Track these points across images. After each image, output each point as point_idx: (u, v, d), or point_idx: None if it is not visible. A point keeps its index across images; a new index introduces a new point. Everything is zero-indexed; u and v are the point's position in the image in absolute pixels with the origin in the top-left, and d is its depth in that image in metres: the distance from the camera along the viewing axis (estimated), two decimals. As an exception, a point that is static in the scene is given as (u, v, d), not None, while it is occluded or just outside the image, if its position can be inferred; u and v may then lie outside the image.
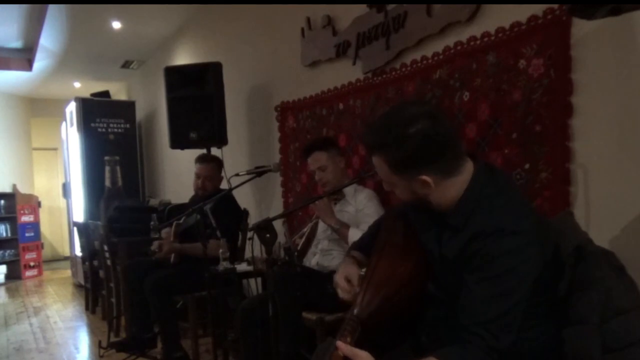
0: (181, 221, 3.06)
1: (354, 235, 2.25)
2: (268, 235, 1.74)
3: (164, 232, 3.13)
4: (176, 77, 3.70)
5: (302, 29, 3.16)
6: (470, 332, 1.10)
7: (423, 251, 1.33)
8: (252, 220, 3.34)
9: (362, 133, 1.28)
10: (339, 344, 1.08)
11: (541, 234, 1.18)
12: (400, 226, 1.41)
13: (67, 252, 7.81)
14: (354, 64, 2.76)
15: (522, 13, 1.90)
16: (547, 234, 1.22)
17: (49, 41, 5.47)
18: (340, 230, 2.34)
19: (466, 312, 1.13)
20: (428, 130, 1.16)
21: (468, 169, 1.23)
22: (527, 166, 1.91)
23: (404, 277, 1.29)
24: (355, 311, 1.21)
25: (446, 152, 1.19)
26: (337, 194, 2.50)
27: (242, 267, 2.80)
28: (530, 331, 1.17)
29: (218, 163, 3.28)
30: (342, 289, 1.36)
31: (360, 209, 2.42)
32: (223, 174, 3.34)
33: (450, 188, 1.22)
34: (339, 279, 1.39)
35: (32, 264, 7.43)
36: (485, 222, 1.15)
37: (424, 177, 1.19)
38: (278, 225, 2.76)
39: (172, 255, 3.05)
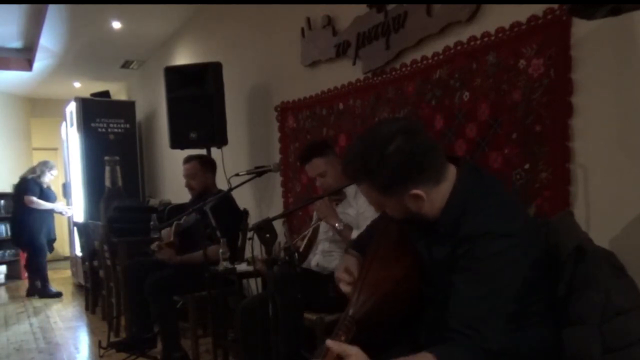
0: (181, 221, 3.07)
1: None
2: (268, 235, 1.74)
3: (164, 232, 3.13)
4: (176, 77, 3.70)
5: (302, 29, 3.16)
6: (460, 333, 1.11)
7: (417, 253, 1.33)
8: (252, 220, 3.35)
9: (342, 165, 1.31)
10: (329, 342, 1.08)
11: (530, 234, 1.19)
12: (394, 229, 1.41)
13: (67, 252, 7.80)
14: (354, 64, 2.76)
15: (522, 13, 1.90)
16: (537, 234, 1.23)
17: (49, 41, 5.47)
18: (343, 231, 2.33)
19: (455, 313, 1.14)
20: (405, 146, 1.16)
21: (451, 174, 1.24)
22: (527, 166, 1.91)
23: (398, 277, 1.29)
24: (351, 311, 1.22)
25: (429, 162, 1.20)
26: (338, 195, 2.49)
27: (242, 267, 2.80)
28: (528, 330, 1.17)
29: (201, 161, 3.27)
30: (344, 282, 1.37)
31: (361, 212, 2.41)
32: (223, 173, 3.35)
33: (438, 197, 1.22)
34: (339, 273, 1.40)
35: (32, 264, 7.43)
36: (473, 225, 1.16)
37: (416, 192, 1.19)
38: (278, 225, 2.76)
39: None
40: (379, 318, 1.24)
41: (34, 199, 5.78)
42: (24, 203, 5.75)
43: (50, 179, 6.06)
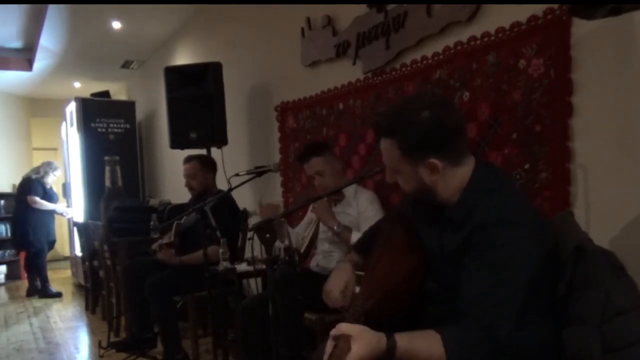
0: (181, 221, 3.06)
1: (357, 239, 2.24)
2: (268, 235, 1.74)
3: (166, 236, 3.13)
4: (176, 77, 3.70)
5: (302, 29, 3.16)
6: (473, 318, 1.12)
7: (422, 253, 1.35)
8: (252, 220, 3.35)
9: (375, 116, 1.36)
10: (338, 328, 1.08)
11: (539, 229, 1.21)
12: (400, 226, 1.43)
13: (67, 252, 7.81)
14: (354, 64, 2.75)
15: (522, 13, 1.90)
16: (544, 230, 1.24)
17: (49, 41, 5.47)
18: (342, 233, 2.32)
19: (465, 301, 1.15)
20: (439, 116, 1.22)
21: (470, 162, 1.27)
22: (527, 166, 1.91)
23: (405, 271, 1.32)
24: (359, 303, 1.24)
25: (455, 139, 1.24)
26: (337, 195, 2.49)
27: (242, 267, 2.80)
28: (527, 329, 1.18)
29: (201, 160, 3.27)
30: (333, 300, 1.42)
31: (362, 211, 2.41)
32: (223, 173, 3.35)
33: (454, 178, 1.25)
34: (333, 286, 1.44)
35: (32, 264, 7.42)
36: (486, 215, 1.18)
37: (434, 161, 1.22)
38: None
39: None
40: (379, 318, 1.25)
41: (37, 199, 5.79)
42: (27, 203, 5.76)
43: (54, 180, 6.07)
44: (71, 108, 6.27)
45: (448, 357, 1.08)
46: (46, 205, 5.87)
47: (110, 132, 6.19)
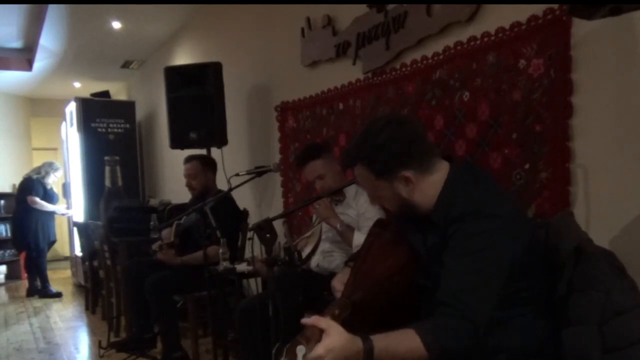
0: (181, 221, 3.07)
1: (359, 238, 2.23)
2: (268, 235, 1.74)
3: (165, 232, 3.13)
4: (176, 77, 3.70)
5: (302, 29, 3.16)
6: (447, 305, 1.14)
7: (411, 251, 1.39)
8: (252, 220, 3.34)
9: (341, 158, 1.48)
10: (313, 319, 1.10)
11: (518, 220, 1.24)
12: (390, 228, 1.49)
13: (67, 252, 7.81)
14: (354, 64, 2.75)
15: (522, 13, 1.90)
16: (524, 221, 1.29)
17: (49, 41, 5.47)
18: (344, 233, 2.32)
19: (443, 288, 1.17)
20: (396, 132, 1.30)
21: (443, 168, 1.32)
22: (527, 166, 1.91)
23: (394, 265, 1.35)
24: (347, 293, 1.27)
25: (417, 149, 1.30)
26: (337, 195, 2.48)
27: (242, 267, 2.80)
28: (512, 320, 1.18)
29: (202, 161, 3.28)
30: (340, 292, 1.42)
31: (362, 212, 2.40)
32: (223, 173, 3.35)
33: (429, 185, 1.30)
34: (336, 283, 1.47)
35: (32, 263, 7.41)
36: (461, 208, 1.22)
37: (405, 173, 1.28)
38: (278, 225, 2.76)
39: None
40: (365, 311, 1.27)
41: (38, 199, 5.79)
42: (27, 203, 5.75)
43: (55, 180, 6.07)
44: (71, 108, 6.27)
45: (427, 348, 1.09)
46: (46, 206, 5.87)
47: (110, 132, 6.19)
